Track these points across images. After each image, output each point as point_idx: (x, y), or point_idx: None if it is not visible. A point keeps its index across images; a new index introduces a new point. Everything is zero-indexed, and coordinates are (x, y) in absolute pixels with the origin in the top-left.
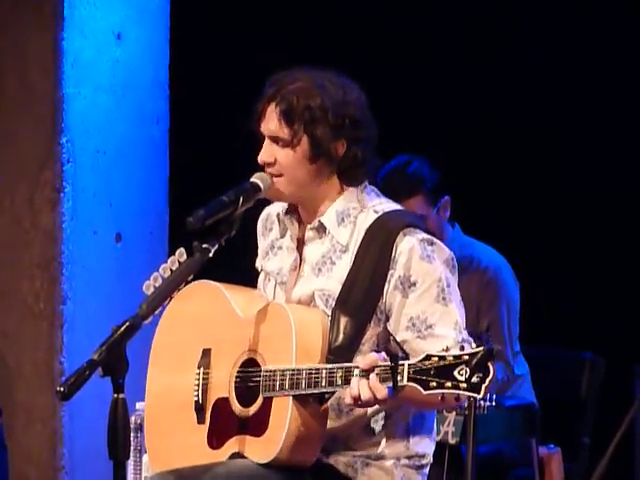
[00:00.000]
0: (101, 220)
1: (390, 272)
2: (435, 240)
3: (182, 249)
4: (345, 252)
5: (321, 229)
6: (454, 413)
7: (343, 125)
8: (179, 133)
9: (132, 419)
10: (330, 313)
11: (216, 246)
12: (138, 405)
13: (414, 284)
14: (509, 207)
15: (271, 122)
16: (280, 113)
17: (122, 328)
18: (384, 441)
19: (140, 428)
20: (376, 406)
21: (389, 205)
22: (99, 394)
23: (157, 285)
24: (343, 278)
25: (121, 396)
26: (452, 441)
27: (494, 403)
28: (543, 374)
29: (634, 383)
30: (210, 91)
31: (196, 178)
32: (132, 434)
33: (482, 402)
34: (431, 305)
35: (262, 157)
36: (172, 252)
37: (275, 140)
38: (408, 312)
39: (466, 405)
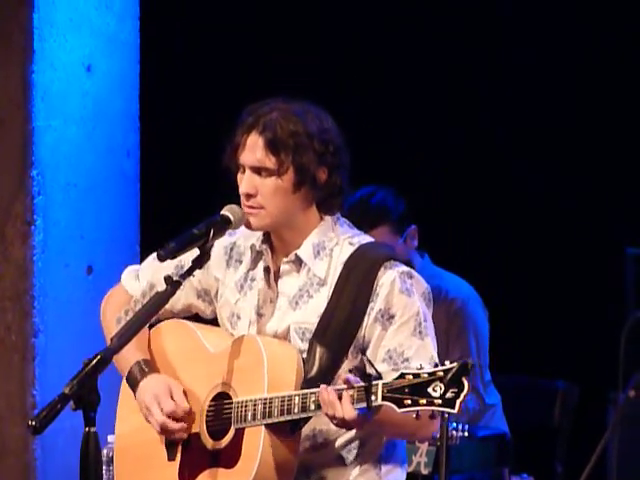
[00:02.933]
0: (72, 253)
1: (370, 305)
2: (414, 273)
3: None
4: (323, 285)
5: (297, 262)
6: (426, 444)
7: (327, 152)
8: (150, 165)
9: (104, 452)
10: (306, 346)
11: (187, 279)
12: (110, 438)
13: (393, 317)
14: (478, 236)
15: (255, 152)
16: (265, 142)
17: (93, 361)
18: (356, 470)
19: (112, 460)
20: (349, 435)
21: (363, 237)
22: (71, 427)
23: (128, 318)
24: (321, 311)
25: (92, 429)
26: (425, 472)
27: (466, 433)
28: (516, 403)
29: (607, 410)
30: (181, 123)
31: (167, 210)
32: (104, 467)
33: (454, 432)
34: (408, 338)
35: (245, 189)
36: None
37: (257, 171)
38: (386, 344)
39: (438, 436)
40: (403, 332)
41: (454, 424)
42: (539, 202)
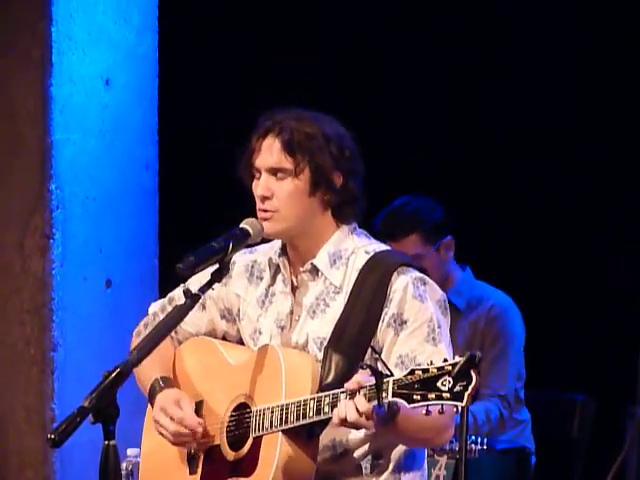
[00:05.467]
0: (91, 266)
1: (384, 310)
2: (428, 280)
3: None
4: (338, 293)
5: (314, 271)
6: (445, 457)
7: (342, 156)
8: (169, 178)
9: (123, 465)
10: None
11: (206, 292)
12: (129, 451)
13: (405, 322)
14: (506, 246)
15: (272, 154)
16: (282, 143)
17: (113, 374)
18: None
19: (132, 474)
20: (368, 445)
21: (379, 246)
22: (90, 440)
23: (147, 331)
24: (336, 319)
25: (112, 443)
26: None
27: (485, 447)
28: (534, 417)
29: (625, 425)
30: (199, 136)
31: (186, 224)
32: None
33: (473, 445)
34: (421, 344)
35: (261, 191)
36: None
37: (274, 172)
38: (397, 350)
39: (457, 449)
40: (416, 338)
41: (473, 437)
42: (555, 213)
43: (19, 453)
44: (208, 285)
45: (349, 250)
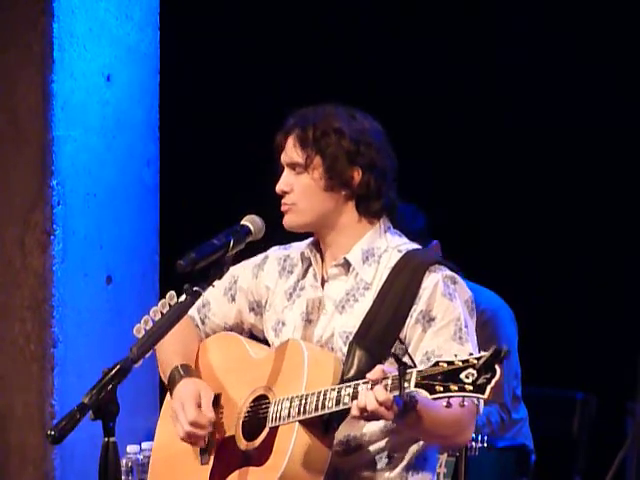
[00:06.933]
0: (92, 263)
1: (413, 307)
2: (458, 279)
3: (173, 292)
4: (368, 289)
5: (346, 266)
6: (446, 454)
7: (358, 151)
8: (170, 175)
9: (123, 462)
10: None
11: (207, 289)
12: (129, 448)
13: (433, 319)
14: (493, 245)
15: (289, 150)
16: (296, 138)
17: (113, 371)
18: (385, 477)
19: (131, 471)
20: (382, 442)
21: (411, 245)
22: (90, 436)
23: (148, 328)
24: (364, 314)
25: (112, 439)
26: None
27: (485, 444)
28: (534, 414)
29: (626, 421)
30: (200, 133)
31: (187, 220)
32: (123, 477)
33: (474, 443)
34: (447, 342)
35: (279, 186)
36: (163, 294)
37: (292, 167)
38: (424, 346)
39: None
40: (442, 335)
41: (473, 435)
42: (551, 210)
43: (19, 449)
44: (209, 282)
45: (382, 248)
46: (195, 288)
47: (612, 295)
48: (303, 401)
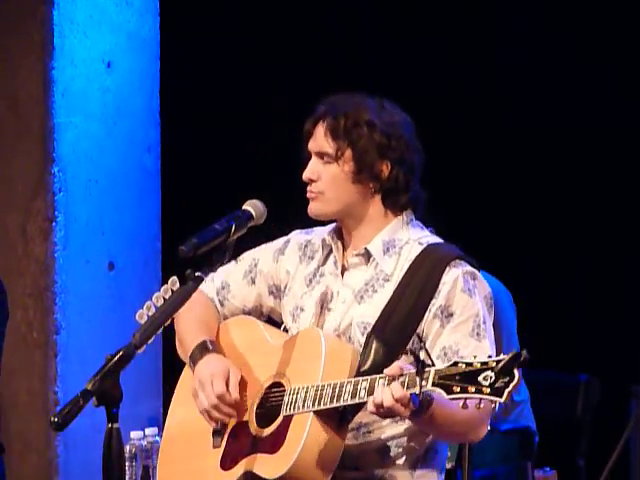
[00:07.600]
0: (93, 249)
1: (432, 301)
2: (478, 275)
3: (175, 277)
4: (388, 281)
5: (366, 255)
6: None
7: (389, 145)
8: (171, 161)
9: (127, 448)
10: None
11: (209, 274)
12: (133, 434)
13: (452, 314)
14: (503, 229)
15: (318, 138)
16: (327, 127)
17: (116, 357)
18: (391, 466)
19: (135, 457)
20: (393, 431)
21: (433, 238)
22: (94, 423)
23: (150, 314)
24: (383, 306)
25: (115, 426)
26: (448, 466)
27: (489, 427)
28: (538, 396)
29: (629, 404)
30: (201, 119)
31: (188, 206)
32: (127, 463)
33: None
34: (465, 337)
35: (306, 174)
36: (165, 280)
37: (320, 156)
38: (442, 341)
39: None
40: (461, 331)
41: None
42: (562, 199)
43: (23, 436)
44: (211, 268)
45: (403, 240)
46: (197, 273)
47: (615, 278)
48: (319, 392)
